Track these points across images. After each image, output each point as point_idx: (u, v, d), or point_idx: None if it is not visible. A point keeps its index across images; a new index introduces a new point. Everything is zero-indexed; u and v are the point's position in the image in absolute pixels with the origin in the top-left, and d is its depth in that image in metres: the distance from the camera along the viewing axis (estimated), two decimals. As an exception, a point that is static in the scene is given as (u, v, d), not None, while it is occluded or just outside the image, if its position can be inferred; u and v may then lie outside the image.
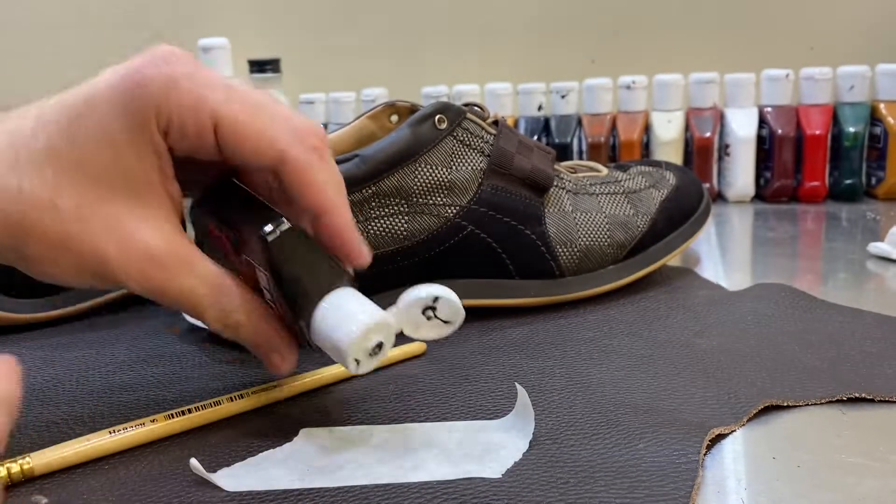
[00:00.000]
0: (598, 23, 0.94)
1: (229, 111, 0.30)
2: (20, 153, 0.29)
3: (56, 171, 0.29)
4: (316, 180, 0.31)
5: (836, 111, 0.77)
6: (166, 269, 0.30)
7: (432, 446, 0.31)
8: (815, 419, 0.33)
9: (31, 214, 0.29)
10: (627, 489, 0.28)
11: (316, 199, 0.31)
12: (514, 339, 0.43)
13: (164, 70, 0.29)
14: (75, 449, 0.31)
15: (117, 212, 0.30)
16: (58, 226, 0.29)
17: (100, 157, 0.29)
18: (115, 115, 0.29)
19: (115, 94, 0.29)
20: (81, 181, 0.29)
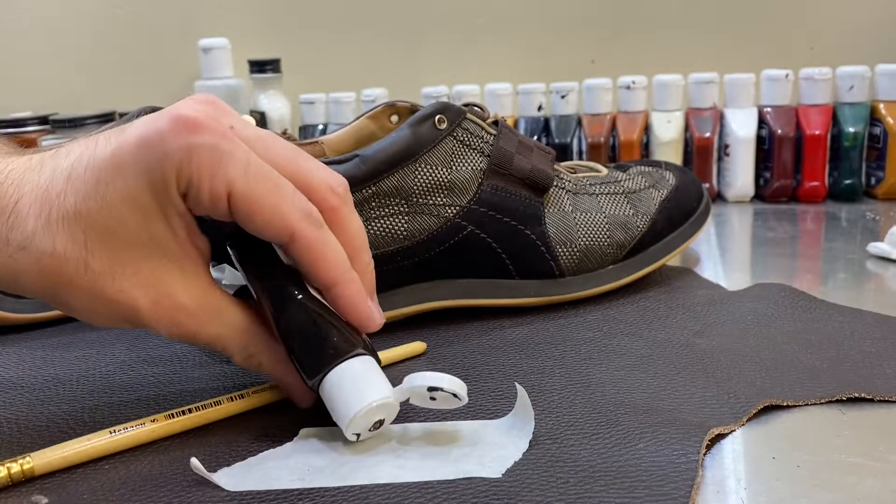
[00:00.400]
0: (598, 23, 0.94)
1: (244, 186, 0.31)
2: (52, 212, 0.31)
3: (87, 233, 0.30)
4: (325, 256, 0.32)
5: (836, 111, 0.77)
6: (196, 319, 0.32)
7: (432, 446, 0.32)
8: (815, 419, 0.33)
9: (66, 272, 0.30)
10: (627, 489, 0.28)
11: (325, 275, 0.32)
12: (514, 338, 0.43)
13: (187, 140, 0.30)
14: (75, 449, 0.31)
15: (148, 270, 0.31)
16: (91, 284, 0.31)
17: (128, 220, 0.31)
18: (140, 180, 0.30)
19: (140, 159, 0.30)
20: (112, 243, 0.31)
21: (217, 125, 0.31)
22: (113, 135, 0.31)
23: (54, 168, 0.31)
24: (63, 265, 0.30)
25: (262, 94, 0.90)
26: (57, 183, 0.31)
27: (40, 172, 0.31)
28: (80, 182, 0.31)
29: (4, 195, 0.31)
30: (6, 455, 0.32)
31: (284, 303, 0.32)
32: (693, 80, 0.80)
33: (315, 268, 0.32)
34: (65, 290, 0.31)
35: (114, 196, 0.30)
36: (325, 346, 0.31)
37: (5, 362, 0.44)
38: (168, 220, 0.31)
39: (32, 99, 0.98)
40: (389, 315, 0.45)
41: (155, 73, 1.00)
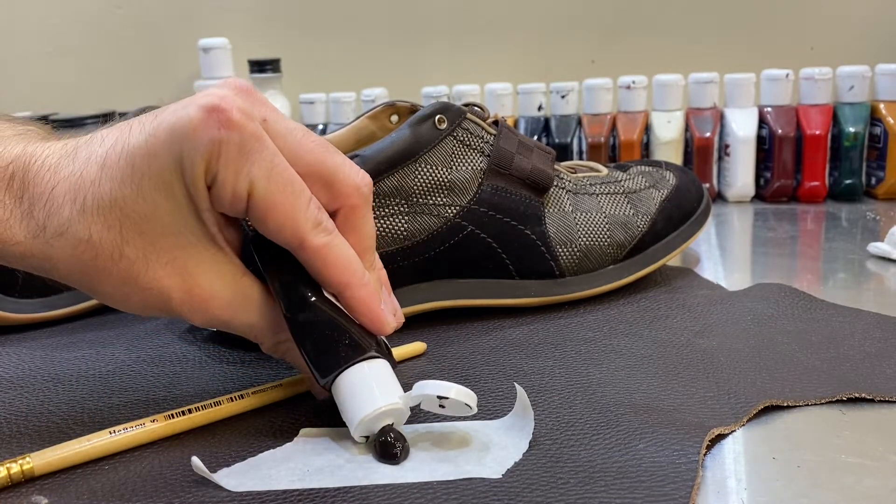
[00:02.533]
0: (598, 23, 0.94)
1: (265, 189, 0.31)
2: (87, 199, 0.31)
3: (122, 221, 0.31)
4: (335, 262, 0.32)
5: (836, 111, 0.77)
6: (229, 308, 0.32)
7: (432, 446, 0.31)
8: (815, 419, 0.33)
9: (101, 260, 0.31)
10: (627, 489, 0.28)
11: (335, 279, 0.32)
12: (514, 339, 0.43)
13: (218, 135, 0.30)
14: (75, 449, 0.31)
15: (181, 258, 0.31)
16: (125, 272, 0.31)
17: (162, 208, 0.31)
18: (173, 168, 0.30)
19: (174, 147, 0.30)
20: (146, 231, 0.31)
21: (248, 121, 0.30)
22: (147, 120, 0.31)
23: (89, 155, 0.31)
24: (98, 252, 0.31)
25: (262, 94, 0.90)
26: (91, 170, 0.31)
27: (75, 159, 0.32)
28: (114, 169, 0.31)
29: (42, 182, 0.31)
30: (6, 455, 0.32)
31: (298, 304, 0.32)
32: (693, 80, 0.80)
33: (325, 273, 0.32)
34: (99, 277, 0.31)
35: (148, 183, 0.30)
36: (338, 348, 0.32)
37: (5, 362, 0.43)
38: (200, 211, 0.31)
39: (32, 99, 0.98)
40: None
41: (155, 73, 1.00)
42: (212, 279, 0.32)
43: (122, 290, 0.31)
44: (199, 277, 0.32)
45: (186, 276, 0.31)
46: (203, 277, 0.32)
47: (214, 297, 0.32)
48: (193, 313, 0.32)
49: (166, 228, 0.31)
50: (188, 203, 0.31)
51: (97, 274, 0.31)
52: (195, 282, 0.32)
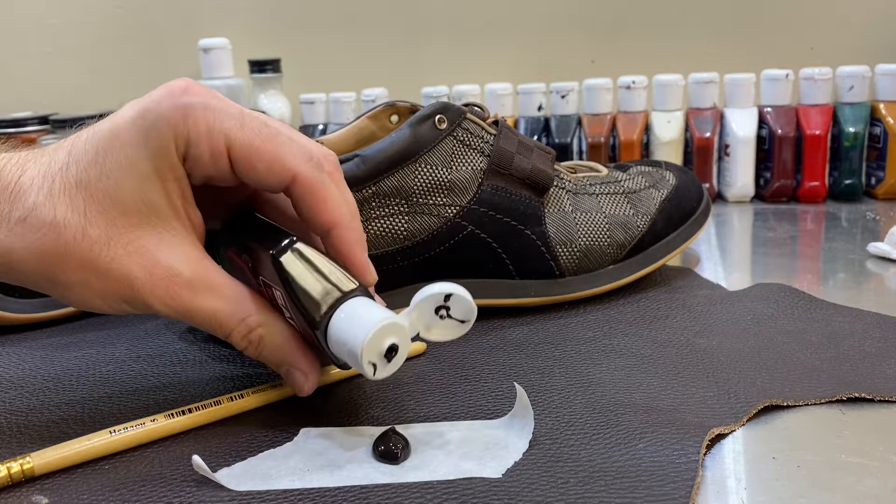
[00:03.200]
0: (598, 23, 0.94)
1: (243, 136, 0.31)
2: (55, 183, 0.31)
3: (87, 201, 0.31)
4: (327, 197, 0.32)
5: (836, 111, 0.77)
6: (191, 289, 0.32)
7: (432, 446, 0.31)
8: (815, 419, 0.33)
9: (64, 240, 0.31)
10: (627, 489, 0.28)
11: (327, 215, 0.33)
12: (514, 338, 0.43)
13: (181, 100, 0.31)
14: (75, 449, 0.31)
15: (143, 238, 0.31)
16: (88, 252, 0.31)
17: (126, 187, 0.31)
18: (137, 146, 0.31)
19: (137, 125, 0.31)
20: (110, 210, 0.31)
21: (206, 89, 0.32)
22: (112, 114, 0.32)
23: (56, 147, 0.32)
24: (60, 234, 0.31)
25: (262, 94, 0.90)
26: (59, 157, 0.32)
27: (43, 154, 0.32)
28: (80, 153, 0.31)
29: (7, 174, 0.31)
30: (6, 455, 0.32)
31: (284, 251, 0.31)
32: (693, 80, 0.80)
33: (317, 209, 0.32)
34: (59, 263, 0.31)
35: (112, 163, 0.31)
36: (328, 285, 0.31)
37: (5, 362, 0.43)
38: (165, 188, 0.31)
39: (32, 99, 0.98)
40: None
41: (155, 73, 1.00)
42: (173, 258, 0.32)
43: (83, 275, 0.31)
44: (160, 256, 0.31)
45: (148, 256, 0.31)
46: (164, 256, 0.31)
47: (176, 276, 0.31)
48: (155, 297, 0.31)
49: (129, 207, 0.31)
50: (153, 180, 0.31)
51: (58, 260, 0.31)
52: (156, 261, 0.31)
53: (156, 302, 0.31)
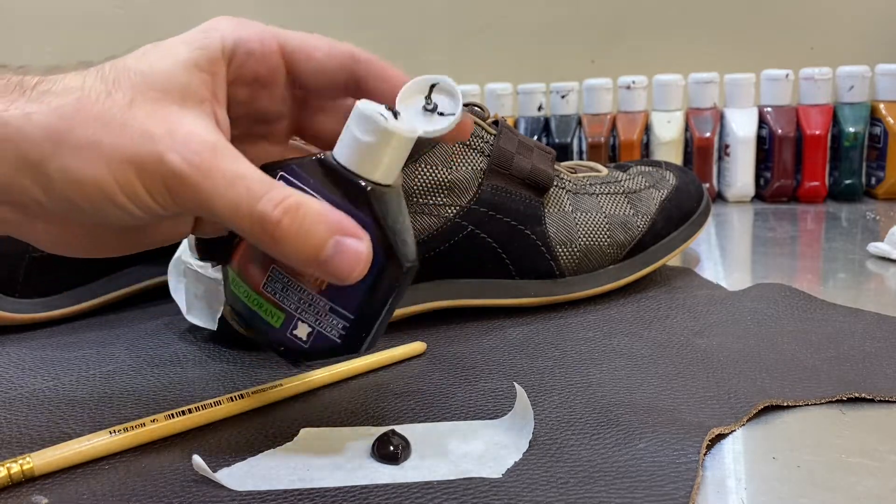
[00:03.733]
0: (598, 23, 0.94)
1: (295, 35, 0.32)
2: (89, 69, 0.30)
3: (118, 76, 0.29)
4: (389, 65, 0.32)
5: (836, 111, 0.77)
6: (215, 151, 0.28)
7: (432, 446, 0.31)
8: (815, 419, 0.33)
9: (84, 101, 0.28)
10: (627, 489, 0.28)
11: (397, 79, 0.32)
12: (514, 339, 0.43)
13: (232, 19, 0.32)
14: (75, 449, 0.31)
15: (167, 108, 0.29)
16: (107, 110, 0.28)
17: (159, 68, 0.29)
18: (181, 42, 0.31)
19: (186, 34, 0.31)
20: (139, 85, 0.29)
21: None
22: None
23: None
24: (84, 95, 0.28)
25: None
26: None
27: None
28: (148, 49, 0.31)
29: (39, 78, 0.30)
30: (6, 455, 0.32)
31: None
32: (693, 80, 0.80)
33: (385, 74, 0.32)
34: (73, 119, 0.28)
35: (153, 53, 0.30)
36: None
37: (5, 362, 0.43)
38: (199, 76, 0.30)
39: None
40: (389, 315, 0.45)
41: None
42: (197, 126, 0.29)
43: (95, 132, 0.28)
44: (184, 121, 0.29)
45: (171, 119, 0.29)
46: (188, 122, 0.29)
47: (199, 137, 0.28)
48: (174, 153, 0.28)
49: (158, 83, 0.29)
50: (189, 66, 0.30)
51: (73, 115, 0.28)
52: (180, 124, 0.29)
53: (175, 159, 0.28)
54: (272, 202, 0.28)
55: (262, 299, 0.31)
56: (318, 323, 0.30)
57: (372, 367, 0.40)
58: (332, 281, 0.29)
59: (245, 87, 0.32)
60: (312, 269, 0.29)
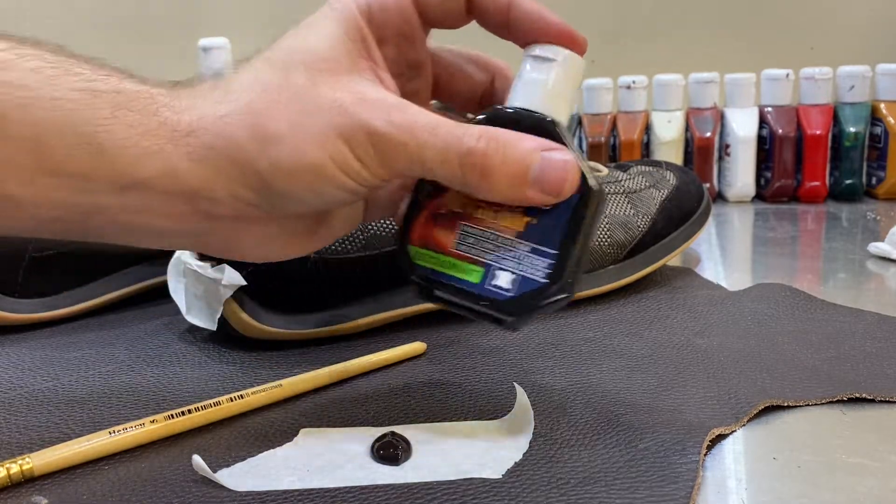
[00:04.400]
0: (598, 23, 0.94)
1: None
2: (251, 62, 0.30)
3: (284, 62, 0.29)
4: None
5: (837, 111, 0.77)
6: (406, 109, 0.29)
7: (432, 447, 0.31)
8: (815, 419, 0.33)
9: (269, 92, 0.28)
10: (627, 489, 0.28)
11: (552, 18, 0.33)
12: (514, 339, 0.43)
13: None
14: (75, 449, 0.31)
15: (345, 80, 0.29)
16: (294, 96, 0.28)
17: (315, 46, 0.29)
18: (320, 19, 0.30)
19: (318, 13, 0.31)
20: (309, 66, 0.29)
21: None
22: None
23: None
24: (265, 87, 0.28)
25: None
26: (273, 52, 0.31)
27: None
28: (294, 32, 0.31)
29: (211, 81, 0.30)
30: (6, 455, 0.32)
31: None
32: (693, 79, 0.80)
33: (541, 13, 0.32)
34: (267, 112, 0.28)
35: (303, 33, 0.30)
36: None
37: (5, 362, 0.43)
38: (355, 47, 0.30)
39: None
40: (389, 315, 0.45)
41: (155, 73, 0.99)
42: (380, 92, 0.29)
43: (292, 116, 0.28)
44: (367, 89, 0.29)
45: (355, 89, 0.29)
46: (371, 90, 0.29)
47: (387, 99, 0.29)
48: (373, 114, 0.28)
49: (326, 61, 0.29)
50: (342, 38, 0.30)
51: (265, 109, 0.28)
52: (364, 91, 0.29)
53: (379, 123, 0.28)
54: (473, 137, 0.28)
55: (454, 260, 0.31)
56: (520, 267, 0.30)
57: (372, 367, 0.40)
58: (545, 200, 0.29)
59: (391, 45, 0.31)
60: (525, 192, 0.29)
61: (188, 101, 0.29)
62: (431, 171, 0.29)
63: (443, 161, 0.28)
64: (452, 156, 0.28)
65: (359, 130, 0.28)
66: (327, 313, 0.44)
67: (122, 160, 0.27)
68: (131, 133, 0.27)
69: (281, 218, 0.30)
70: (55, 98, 0.27)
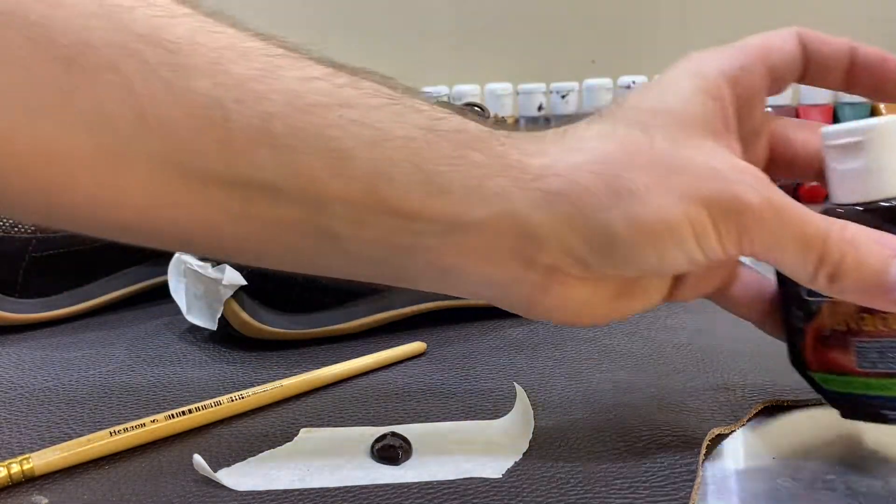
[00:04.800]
0: (598, 23, 0.94)
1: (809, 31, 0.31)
2: (603, 114, 0.29)
3: (641, 118, 0.28)
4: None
5: (836, 111, 0.78)
6: (776, 189, 0.27)
7: (432, 447, 0.31)
8: (815, 419, 0.33)
9: (628, 147, 0.27)
10: (628, 489, 0.28)
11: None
12: (514, 339, 0.43)
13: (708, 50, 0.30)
14: (75, 449, 0.31)
15: (708, 145, 0.27)
16: (657, 154, 0.27)
17: (673, 104, 0.28)
18: (676, 73, 0.29)
19: (671, 68, 0.30)
20: (668, 123, 0.28)
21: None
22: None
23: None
24: (623, 141, 0.27)
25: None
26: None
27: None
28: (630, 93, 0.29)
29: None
30: (6, 455, 0.32)
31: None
32: (693, 80, 0.80)
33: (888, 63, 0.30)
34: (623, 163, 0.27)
35: (658, 86, 0.29)
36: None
37: (5, 362, 0.43)
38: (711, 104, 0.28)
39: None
40: (389, 315, 0.45)
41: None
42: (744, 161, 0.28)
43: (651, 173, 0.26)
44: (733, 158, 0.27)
45: (722, 155, 0.27)
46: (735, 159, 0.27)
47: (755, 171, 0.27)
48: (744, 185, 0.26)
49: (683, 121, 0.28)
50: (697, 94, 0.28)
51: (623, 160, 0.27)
52: (733, 159, 0.27)
53: (751, 195, 0.26)
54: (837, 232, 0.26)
55: (866, 379, 0.28)
56: None
57: (372, 367, 0.40)
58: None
59: (743, 109, 0.30)
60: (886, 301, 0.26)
61: (536, 146, 0.27)
62: (783, 258, 0.27)
63: (803, 251, 0.26)
64: (814, 249, 0.26)
65: (729, 200, 0.26)
66: (327, 313, 0.44)
67: (463, 200, 0.26)
68: (476, 173, 0.26)
69: (597, 279, 0.28)
70: (400, 137, 0.26)
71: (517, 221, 0.27)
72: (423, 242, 0.27)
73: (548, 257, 0.27)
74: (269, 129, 0.25)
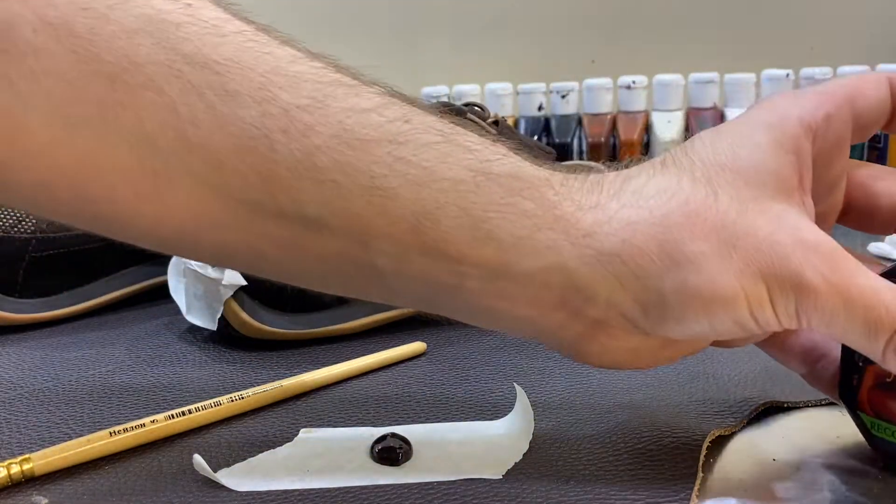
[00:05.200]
0: (598, 23, 0.94)
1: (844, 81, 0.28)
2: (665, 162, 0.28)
3: (705, 171, 0.26)
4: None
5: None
6: (840, 262, 0.25)
7: (432, 447, 0.31)
8: (814, 419, 0.33)
9: (691, 206, 0.26)
10: (628, 490, 0.28)
11: None
12: (514, 339, 0.43)
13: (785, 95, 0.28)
14: (75, 449, 0.31)
15: (775, 208, 0.26)
16: (723, 219, 0.25)
17: (745, 159, 0.26)
18: (748, 123, 0.28)
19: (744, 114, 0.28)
20: (736, 181, 0.26)
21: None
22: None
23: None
24: (688, 199, 0.26)
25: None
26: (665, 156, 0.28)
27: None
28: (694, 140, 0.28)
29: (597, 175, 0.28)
30: (6, 455, 0.32)
31: None
32: (693, 79, 0.80)
33: None
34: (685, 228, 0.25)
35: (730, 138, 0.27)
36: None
37: (5, 362, 0.43)
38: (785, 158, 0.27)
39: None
40: (389, 315, 0.45)
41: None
42: (814, 231, 0.26)
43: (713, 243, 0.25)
44: (801, 226, 0.26)
45: (788, 222, 0.26)
46: (803, 228, 0.26)
47: (823, 244, 0.25)
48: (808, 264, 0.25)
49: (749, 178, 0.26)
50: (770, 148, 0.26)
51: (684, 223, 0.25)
52: (798, 227, 0.25)
53: (812, 275, 0.25)
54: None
55: None
56: None
57: (372, 367, 0.40)
58: None
59: (822, 162, 0.28)
60: None
61: (592, 198, 0.27)
62: (845, 340, 0.26)
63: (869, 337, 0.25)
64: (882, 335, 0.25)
65: (789, 278, 0.25)
66: (327, 313, 0.44)
67: (511, 249, 0.26)
68: (526, 223, 0.26)
69: (645, 334, 0.27)
70: (447, 178, 0.26)
71: (566, 275, 0.26)
72: (466, 284, 0.26)
73: (596, 312, 0.26)
74: (314, 163, 0.25)
